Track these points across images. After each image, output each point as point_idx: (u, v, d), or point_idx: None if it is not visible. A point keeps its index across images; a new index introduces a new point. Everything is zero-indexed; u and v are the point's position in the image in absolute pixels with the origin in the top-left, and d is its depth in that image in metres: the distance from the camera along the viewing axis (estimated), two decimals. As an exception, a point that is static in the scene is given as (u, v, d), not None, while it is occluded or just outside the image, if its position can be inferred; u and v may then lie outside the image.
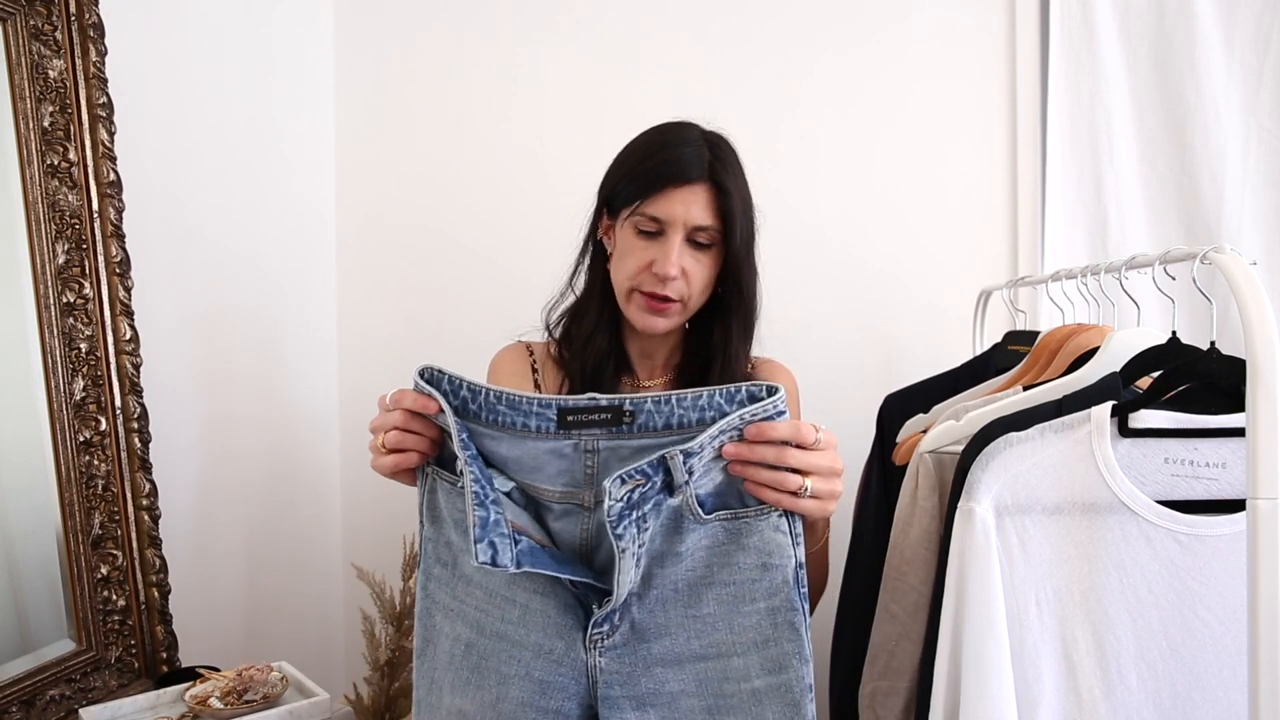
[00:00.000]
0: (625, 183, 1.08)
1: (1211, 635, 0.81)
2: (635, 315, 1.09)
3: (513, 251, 1.76)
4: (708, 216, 1.05)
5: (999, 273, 1.65)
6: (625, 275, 1.07)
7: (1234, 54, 1.53)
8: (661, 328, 1.08)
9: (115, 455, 1.20)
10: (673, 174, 1.04)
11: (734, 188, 1.06)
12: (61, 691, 1.11)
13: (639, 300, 1.07)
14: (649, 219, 1.05)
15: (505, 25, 1.78)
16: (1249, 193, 1.53)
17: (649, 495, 0.76)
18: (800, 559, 0.80)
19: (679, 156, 1.05)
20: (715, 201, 1.05)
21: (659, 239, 1.06)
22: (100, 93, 1.19)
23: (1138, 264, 0.97)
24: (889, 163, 1.69)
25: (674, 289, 1.06)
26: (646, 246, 1.06)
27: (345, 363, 1.84)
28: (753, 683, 0.80)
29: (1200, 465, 0.82)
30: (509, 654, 0.82)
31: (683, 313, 1.09)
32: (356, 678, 1.52)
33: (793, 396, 1.19)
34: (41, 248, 1.13)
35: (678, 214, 1.04)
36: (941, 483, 0.90)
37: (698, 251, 1.06)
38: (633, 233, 1.07)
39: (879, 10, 1.68)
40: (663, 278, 1.04)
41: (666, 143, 1.08)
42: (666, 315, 1.08)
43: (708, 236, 1.06)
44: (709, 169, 1.05)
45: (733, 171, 1.08)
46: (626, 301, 1.09)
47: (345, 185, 1.83)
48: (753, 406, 0.76)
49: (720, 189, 1.05)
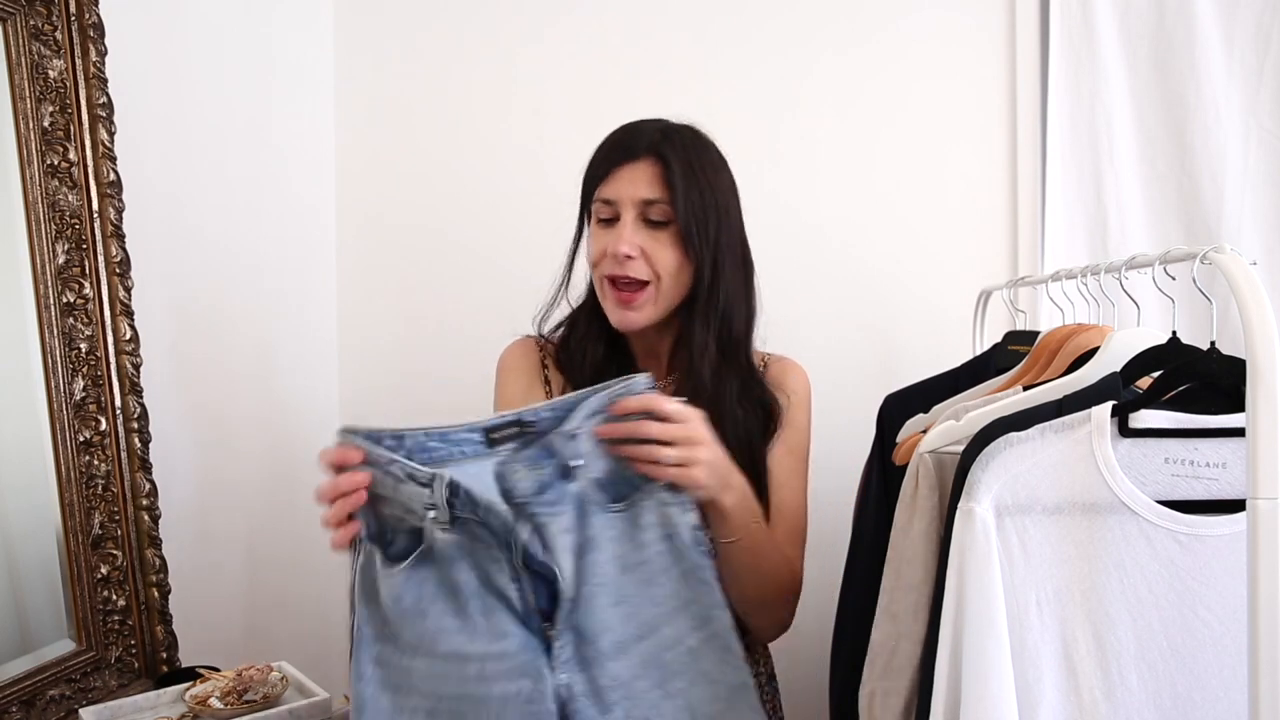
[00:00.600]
0: (586, 180, 1.10)
1: (1211, 635, 0.81)
2: (610, 311, 1.08)
3: (513, 251, 1.76)
4: (654, 190, 1.04)
5: (999, 273, 1.65)
6: (591, 266, 1.08)
7: (1234, 54, 1.53)
8: (635, 320, 1.06)
9: (115, 455, 1.20)
10: (618, 154, 1.06)
11: (679, 161, 1.04)
12: (61, 691, 1.10)
13: (609, 292, 1.07)
14: (603, 204, 1.06)
15: (505, 25, 1.78)
16: (1249, 193, 1.53)
17: (549, 483, 0.83)
18: (691, 521, 0.87)
19: (627, 138, 1.07)
20: (662, 174, 1.04)
21: (615, 225, 1.06)
22: (100, 93, 1.19)
23: (1138, 264, 0.97)
24: (889, 163, 1.69)
25: (634, 269, 1.04)
26: (605, 234, 1.06)
27: (345, 363, 1.84)
28: (687, 643, 0.86)
29: (1200, 465, 0.82)
30: (475, 713, 0.82)
31: (656, 299, 1.06)
32: (356, 678, 1.51)
33: (803, 397, 1.17)
34: (41, 248, 1.13)
35: (624, 191, 1.05)
36: (941, 483, 0.90)
37: (654, 230, 1.05)
38: (595, 225, 1.08)
39: (879, 10, 1.68)
40: (616, 256, 1.03)
41: (616, 133, 1.10)
42: (636, 306, 1.05)
43: (660, 212, 1.05)
44: (654, 145, 1.05)
45: (684, 149, 1.06)
46: (603, 298, 1.09)
47: (345, 185, 1.83)
48: (615, 386, 0.85)
49: (665, 162, 1.04)
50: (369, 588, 0.83)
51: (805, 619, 1.28)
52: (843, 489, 1.22)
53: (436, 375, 1.79)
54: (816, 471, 1.45)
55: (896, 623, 0.91)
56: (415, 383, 1.81)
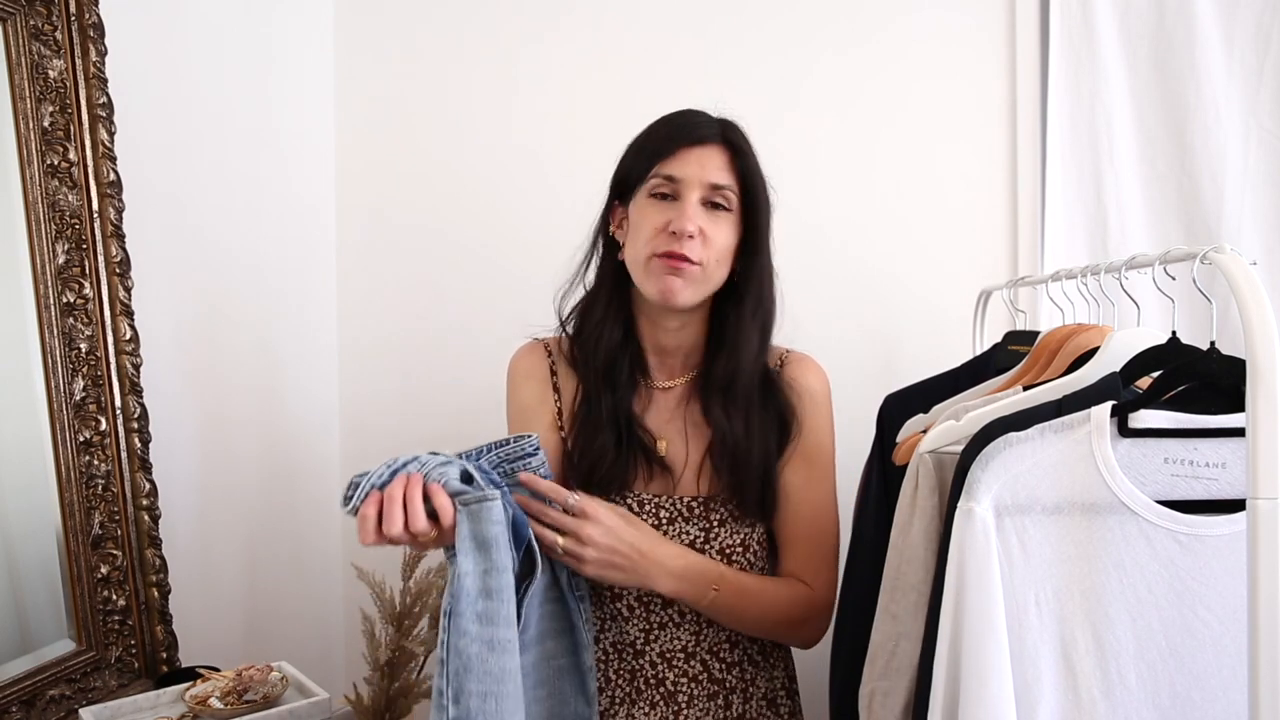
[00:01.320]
0: (638, 157, 1.09)
1: (1211, 635, 0.81)
2: (653, 283, 1.05)
3: (513, 251, 1.76)
4: (724, 175, 1.05)
5: (999, 273, 1.65)
6: (643, 241, 1.05)
7: (1234, 54, 1.53)
8: (680, 292, 1.04)
9: (115, 455, 1.20)
10: (687, 135, 1.06)
11: (750, 152, 1.08)
12: (61, 691, 1.11)
13: (656, 265, 1.04)
14: (665, 179, 1.05)
15: (506, 25, 1.78)
16: (1249, 193, 1.53)
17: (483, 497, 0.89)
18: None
19: (692, 121, 1.08)
20: (732, 161, 1.06)
21: (675, 202, 1.05)
22: (100, 93, 1.19)
23: (1138, 264, 0.97)
24: (889, 163, 1.69)
25: (692, 249, 1.03)
26: (663, 209, 1.05)
27: (345, 363, 1.84)
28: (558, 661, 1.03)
29: (1200, 465, 0.82)
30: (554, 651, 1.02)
31: (702, 280, 1.05)
32: (356, 678, 1.51)
33: (823, 397, 1.16)
34: (41, 248, 1.13)
35: (693, 172, 1.04)
36: (941, 483, 0.90)
37: (715, 213, 1.06)
38: (647, 199, 1.06)
39: (879, 10, 1.68)
40: (680, 234, 1.02)
41: (678, 115, 1.10)
42: (684, 276, 1.03)
43: (724, 198, 1.06)
44: (722, 131, 1.07)
45: (746, 142, 1.09)
46: (645, 274, 1.06)
47: (345, 185, 1.83)
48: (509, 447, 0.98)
49: (736, 149, 1.07)
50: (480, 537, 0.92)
51: (805, 619, 1.26)
52: (843, 489, 1.22)
53: (436, 375, 1.79)
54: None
55: (896, 622, 0.91)
56: (415, 383, 1.81)
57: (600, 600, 1.09)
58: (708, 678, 1.09)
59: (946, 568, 0.81)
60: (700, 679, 1.09)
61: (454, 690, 0.83)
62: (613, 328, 1.11)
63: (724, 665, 1.11)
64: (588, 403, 1.11)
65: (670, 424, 1.13)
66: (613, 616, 1.09)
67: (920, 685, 0.85)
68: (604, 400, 1.09)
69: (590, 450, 1.08)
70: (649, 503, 1.09)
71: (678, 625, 1.09)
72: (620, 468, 1.08)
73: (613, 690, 1.09)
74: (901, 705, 0.90)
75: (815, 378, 1.16)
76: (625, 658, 1.09)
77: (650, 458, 1.10)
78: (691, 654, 1.09)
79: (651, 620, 1.08)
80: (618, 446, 1.08)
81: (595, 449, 1.08)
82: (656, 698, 1.08)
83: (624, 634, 1.09)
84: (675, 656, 1.09)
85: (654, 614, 1.08)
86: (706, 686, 1.09)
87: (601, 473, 1.07)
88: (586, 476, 1.08)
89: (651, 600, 1.08)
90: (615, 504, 1.07)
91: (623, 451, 1.08)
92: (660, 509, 1.09)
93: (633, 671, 1.09)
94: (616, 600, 1.09)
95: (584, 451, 1.08)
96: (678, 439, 1.12)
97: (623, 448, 1.08)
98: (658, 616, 1.09)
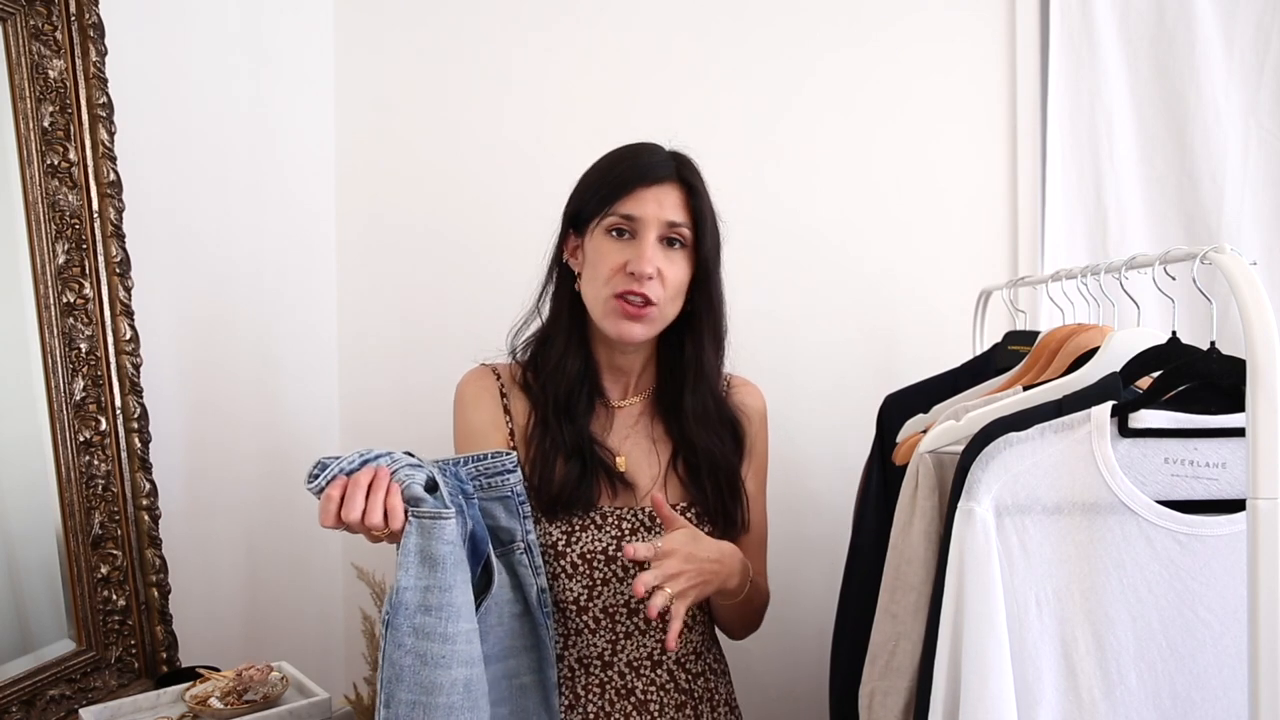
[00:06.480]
0: (594, 192, 1.11)
1: (1211, 635, 0.81)
2: (611, 324, 1.09)
3: (512, 253, 1.76)
4: (680, 213, 1.09)
5: (999, 273, 1.65)
6: (601, 281, 1.08)
7: (1234, 54, 1.53)
8: (638, 335, 1.09)
9: (115, 455, 1.20)
10: (643, 175, 1.08)
11: (703, 190, 1.11)
12: (61, 691, 1.10)
13: (615, 307, 1.07)
14: (622, 218, 1.08)
15: (505, 26, 1.78)
16: (1249, 193, 1.53)
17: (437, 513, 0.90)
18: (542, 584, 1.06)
19: (647, 161, 1.10)
20: (687, 200, 1.09)
21: (631, 241, 1.08)
22: (100, 93, 1.19)
23: (1138, 264, 0.97)
24: (889, 163, 1.69)
25: (651, 290, 1.06)
26: (620, 248, 1.08)
27: (345, 363, 1.84)
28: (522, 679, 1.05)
29: (1200, 465, 0.82)
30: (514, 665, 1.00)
31: (659, 319, 1.10)
32: (356, 678, 1.51)
33: (764, 418, 1.24)
34: (41, 248, 1.13)
35: (650, 211, 1.07)
36: (941, 483, 0.90)
37: (670, 251, 1.09)
38: (604, 237, 1.09)
39: (879, 10, 1.68)
40: (639, 275, 1.05)
41: (633, 152, 1.12)
42: (644, 320, 1.08)
43: (680, 235, 1.09)
44: (677, 170, 1.10)
45: (700, 179, 1.12)
46: (603, 313, 1.09)
47: (345, 186, 1.83)
48: (487, 460, 0.99)
49: (690, 188, 1.10)
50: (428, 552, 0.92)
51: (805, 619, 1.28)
52: (843, 489, 1.22)
53: (436, 375, 1.78)
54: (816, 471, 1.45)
55: (896, 622, 0.91)
56: (415, 383, 1.81)
57: (565, 615, 1.10)
58: (674, 687, 1.12)
59: (947, 568, 0.81)
60: (668, 688, 1.11)
61: (385, 695, 0.86)
62: (573, 360, 1.14)
63: (690, 676, 1.13)
64: (544, 428, 1.12)
65: (628, 440, 1.16)
66: (577, 630, 1.10)
67: (921, 685, 0.85)
68: (564, 429, 1.11)
69: (552, 477, 1.10)
70: (611, 515, 1.11)
71: (643, 634, 1.10)
72: (585, 490, 1.10)
73: (584, 707, 1.09)
74: (901, 705, 0.90)
75: (760, 400, 1.24)
76: (593, 670, 1.10)
77: (611, 474, 1.12)
78: (658, 662, 1.11)
79: (618, 630, 1.10)
80: (581, 470, 1.10)
81: (559, 476, 1.09)
82: (629, 708, 1.09)
83: (590, 646, 1.10)
84: (643, 665, 1.10)
85: (619, 624, 1.10)
86: (674, 696, 1.11)
87: (566, 496, 1.09)
88: (552, 501, 1.09)
89: (617, 610, 1.09)
90: (614, 515, 1.10)
91: (586, 474, 1.10)
92: (623, 520, 1.11)
93: (602, 684, 1.09)
94: (583, 614, 1.09)
95: (544, 477, 1.10)
96: (636, 453, 1.16)
97: (586, 470, 1.10)
98: (623, 626, 1.10)
